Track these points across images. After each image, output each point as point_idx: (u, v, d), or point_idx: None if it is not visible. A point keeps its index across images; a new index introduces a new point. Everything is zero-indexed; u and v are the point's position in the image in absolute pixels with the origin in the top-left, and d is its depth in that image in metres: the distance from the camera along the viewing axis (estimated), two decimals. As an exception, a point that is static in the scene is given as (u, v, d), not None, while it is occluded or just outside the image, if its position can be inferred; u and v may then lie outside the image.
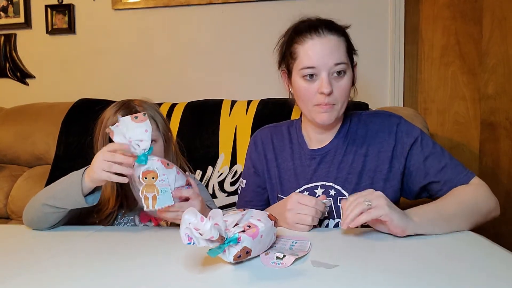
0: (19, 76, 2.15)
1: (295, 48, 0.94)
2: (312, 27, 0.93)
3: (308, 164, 1.01)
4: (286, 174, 1.04)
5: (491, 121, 1.87)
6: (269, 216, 0.71)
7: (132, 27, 2.04)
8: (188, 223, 0.59)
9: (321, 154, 1.01)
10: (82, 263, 0.69)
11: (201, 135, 1.58)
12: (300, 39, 0.93)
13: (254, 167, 1.10)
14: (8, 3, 2.11)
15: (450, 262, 0.64)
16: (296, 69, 0.94)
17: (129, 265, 0.67)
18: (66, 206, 0.87)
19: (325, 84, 0.90)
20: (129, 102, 1.05)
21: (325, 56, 0.90)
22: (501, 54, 1.83)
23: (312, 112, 0.95)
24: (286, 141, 1.07)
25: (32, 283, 0.60)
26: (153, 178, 0.81)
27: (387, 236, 0.78)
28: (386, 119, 1.00)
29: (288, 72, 1.00)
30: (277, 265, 0.64)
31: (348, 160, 0.98)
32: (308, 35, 0.92)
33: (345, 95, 0.94)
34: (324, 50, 0.90)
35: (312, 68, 0.91)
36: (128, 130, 0.80)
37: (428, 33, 1.89)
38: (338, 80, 0.92)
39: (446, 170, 0.91)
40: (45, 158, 1.73)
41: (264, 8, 1.93)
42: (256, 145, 1.10)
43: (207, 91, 1.91)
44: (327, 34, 0.91)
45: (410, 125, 0.99)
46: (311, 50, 0.91)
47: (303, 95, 0.95)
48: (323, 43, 0.91)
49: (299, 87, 0.95)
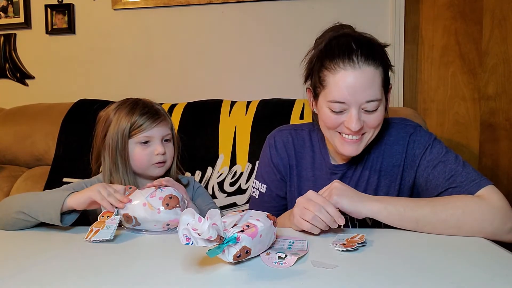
0: (19, 76, 2.15)
1: (325, 75, 0.84)
2: (346, 53, 0.81)
3: (329, 178, 0.96)
4: (305, 185, 0.98)
5: (491, 121, 1.86)
6: (268, 216, 0.71)
7: (132, 27, 2.04)
8: (186, 223, 0.59)
9: (342, 170, 0.96)
10: (81, 263, 0.69)
11: (200, 135, 1.58)
12: (331, 67, 0.83)
13: (278, 171, 1.01)
14: (8, 3, 2.11)
15: (452, 264, 0.64)
16: (324, 98, 0.86)
17: (128, 266, 0.67)
18: (39, 218, 0.84)
19: (354, 121, 0.82)
20: (141, 101, 1.03)
21: (357, 92, 0.81)
22: (501, 54, 1.83)
23: (336, 140, 0.89)
24: (308, 148, 1.00)
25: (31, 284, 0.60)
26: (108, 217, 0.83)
27: (388, 236, 0.78)
28: (401, 130, 0.94)
29: (314, 94, 0.91)
30: (280, 265, 0.64)
31: (365, 176, 0.95)
32: (340, 63, 0.81)
33: (376, 125, 0.87)
34: (357, 84, 0.80)
35: (341, 103, 0.83)
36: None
37: (428, 33, 1.89)
38: (369, 114, 0.84)
39: (455, 178, 0.83)
40: (44, 158, 1.73)
41: (264, 8, 1.93)
42: (277, 148, 1.01)
43: (207, 91, 1.91)
44: (362, 64, 0.80)
45: (424, 133, 0.92)
46: (342, 82, 0.81)
47: (327, 124, 0.87)
48: (356, 76, 0.80)
49: (325, 116, 0.87)
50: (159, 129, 1.00)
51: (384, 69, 0.85)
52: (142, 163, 0.99)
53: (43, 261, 0.69)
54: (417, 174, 0.90)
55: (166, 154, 1.00)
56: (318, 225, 0.77)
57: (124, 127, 0.98)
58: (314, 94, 0.92)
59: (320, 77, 0.86)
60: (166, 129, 1.02)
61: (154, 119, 0.99)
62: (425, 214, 0.77)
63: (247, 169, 1.52)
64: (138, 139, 0.98)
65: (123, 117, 0.99)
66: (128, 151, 0.99)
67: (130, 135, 0.98)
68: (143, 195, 0.85)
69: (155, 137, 0.99)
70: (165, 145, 1.01)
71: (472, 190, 0.80)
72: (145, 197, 0.84)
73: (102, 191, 0.83)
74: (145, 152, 0.99)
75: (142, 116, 0.98)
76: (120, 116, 0.99)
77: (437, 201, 0.81)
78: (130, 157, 0.99)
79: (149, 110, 1.00)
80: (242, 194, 1.50)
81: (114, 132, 0.98)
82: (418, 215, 0.78)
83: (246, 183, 1.50)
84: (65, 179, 1.61)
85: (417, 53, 1.90)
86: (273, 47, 1.93)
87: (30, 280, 0.61)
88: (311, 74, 0.91)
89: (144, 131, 0.98)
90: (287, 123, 1.54)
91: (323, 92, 0.86)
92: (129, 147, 0.99)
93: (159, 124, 1.00)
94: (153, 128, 0.98)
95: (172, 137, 1.05)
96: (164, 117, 1.02)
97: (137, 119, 0.98)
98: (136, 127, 0.98)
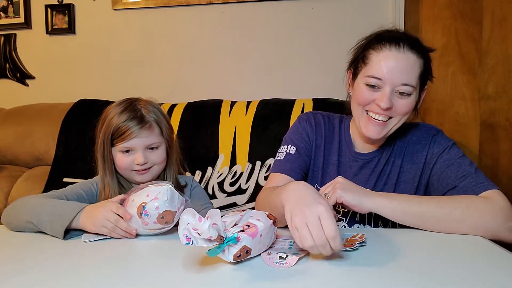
0: (19, 76, 2.15)
1: (370, 54, 0.90)
2: (394, 39, 0.88)
3: (350, 165, 1.00)
4: (330, 169, 1.01)
5: (491, 121, 1.86)
6: (268, 215, 0.71)
7: (132, 27, 2.04)
8: (186, 223, 0.59)
9: (364, 159, 0.99)
10: (81, 263, 0.69)
11: (200, 135, 1.58)
12: (378, 46, 0.89)
13: (309, 142, 1.03)
14: (8, 3, 2.11)
15: (453, 264, 0.64)
16: (363, 74, 0.91)
17: (128, 266, 0.67)
18: (46, 231, 0.85)
19: (385, 99, 0.86)
20: (135, 104, 1.01)
21: (396, 73, 0.85)
22: (501, 54, 1.83)
23: (362, 120, 0.93)
24: (336, 134, 1.04)
25: (31, 284, 0.60)
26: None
27: (388, 236, 0.78)
28: (425, 131, 0.97)
29: (354, 74, 0.96)
30: (281, 265, 0.64)
31: (387, 170, 0.97)
32: (387, 44, 0.87)
33: (404, 113, 0.90)
34: (397, 65, 0.86)
35: (378, 80, 0.87)
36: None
37: (428, 33, 1.89)
38: (401, 97, 0.88)
39: (465, 178, 0.86)
40: (44, 158, 1.73)
41: (264, 8, 1.93)
42: (311, 124, 1.04)
43: (207, 92, 1.92)
44: (407, 50, 0.86)
45: (445, 137, 0.96)
46: (384, 61, 0.86)
47: (359, 99, 0.91)
48: (398, 58, 0.86)
49: (359, 91, 0.91)
50: (141, 139, 0.97)
51: (425, 64, 0.89)
52: (124, 169, 1.00)
53: (43, 261, 0.69)
54: (432, 172, 0.93)
55: (147, 163, 0.99)
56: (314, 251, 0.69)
57: (108, 134, 0.97)
58: (353, 74, 0.96)
59: (364, 56, 0.92)
60: (151, 137, 0.98)
61: (138, 127, 0.96)
62: (429, 207, 0.79)
63: (247, 169, 1.52)
64: (119, 148, 0.98)
65: (111, 121, 0.98)
66: (113, 157, 1.00)
67: (113, 143, 0.98)
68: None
69: (137, 147, 0.97)
70: (150, 152, 0.99)
71: (478, 191, 0.83)
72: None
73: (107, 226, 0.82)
74: (127, 159, 0.98)
75: (127, 122, 0.96)
76: (110, 118, 0.98)
77: (441, 197, 0.84)
78: (114, 161, 1.00)
79: (135, 116, 0.97)
80: (242, 194, 1.50)
81: (101, 137, 0.99)
82: (422, 210, 0.79)
83: (246, 183, 1.50)
84: (65, 179, 1.61)
85: (417, 53, 1.89)
86: (273, 47, 1.93)
87: (30, 280, 0.61)
88: (357, 57, 0.96)
89: (125, 141, 0.96)
90: (287, 123, 1.54)
91: (364, 69, 0.91)
92: (113, 153, 0.99)
93: (142, 133, 0.97)
94: (133, 139, 0.96)
95: (163, 143, 1.02)
96: (150, 124, 0.98)
97: (121, 125, 0.96)
98: (118, 135, 0.96)
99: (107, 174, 1.00)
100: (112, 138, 0.97)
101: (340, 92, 1.75)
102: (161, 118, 1.03)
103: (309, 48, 1.89)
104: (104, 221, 0.82)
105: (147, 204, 0.80)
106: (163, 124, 1.03)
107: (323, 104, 1.60)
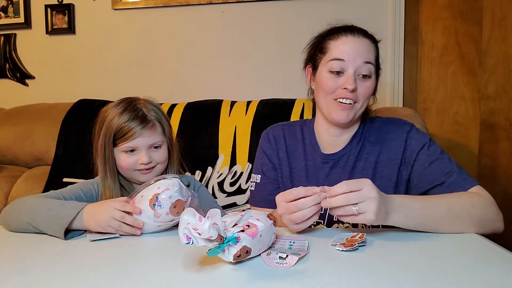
0: (19, 76, 2.15)
1: (327, 43, 0.96)
2: (348, 28, 0.96)
3: (321, 167, 1.01)
4: (298, 175, 1.03)
5: (491, 121, 1.86)
6: (268, 215, 0.71)
7: (132, 27, 2.04)
8: (186, 223, 0.59)
9: (334, 159, 1.00)
10: (81, 263, 0.69)
11: (200, 135, 1.58)
12: (334, 36, 0.96)
13: (272, 162, 1.07)
14: (8, 3, 2.11)
15: (452, 264, 0.64)
16: (324, 62, 0.96)
17: (128, 265, 0.67)
18: (46, 232, 0.85)
19: (350, 81, 0.91)
20: (134, 103, 1.01)
21: (356, 53, 0.92)
22: (501, 54, 1.83)
23: (331, 107, 0.96)
24: (299, 141, 1.06)
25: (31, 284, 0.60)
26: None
27: (388, 236, 0.78)
28: (399, 128, 0.99)
29: (314, 68, 1.01)
30: (281, 265, 0.64)
31: (359, 167, 0.98)
32: (343, 32, 0.95)
33: (367, 96, 0.95)
34: (357, 47, 0.92)
35: (341, 61, 0.92)
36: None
37: (428, 34, 1.89)
38: (363, 80, 0.93)
39: (451, 174, 0.90)
40: (44, 158, 1.73)
41: (264, 8, 1.93)
42: (270, 141, 1.09)
43: (206, 91, 1.91)
44: (361, 36, 0.94)
45: (421, 132, 0.99)
46: (343, 44, 0.93)
47: (325, 87, 0.95)
48: (356, 41, 0.93)
49: (323, 80, 0.95)
50: (144, 138, 0.97)
51: (376, 50, 0.97)
52: (127, 170, 0.99)
53: (43, 261, 0.69)
54: (413, 169, 0.95)
55: (151, 162, 0.99)
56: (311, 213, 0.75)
57: (110, 135, 0.97)
58: (313, 67, 1.01)
59: (322, 47, 0.98)
60: (154, 137, 0.99)
61: (141, 126, 0.96)
62: (442, 214, 0.79)
63: (247, 169, 1.52)
64: (122, 148, 0.97)
65: (111, 122, 0.97)
66: (115, 158, 0.99)
67: (116, 143, 0.97)
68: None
69: (140, 147, 0.97)
70: (153, 151, 0.99)
71: (466, 187, 0.87)
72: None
73: (113, 225, 0.82)
74: (130, 159, 0.98)
75: (129, 122, 0.96)
76: (110, 119, 0.98)
77: (446, 198, 0.84)
78: (116, 162, 0.99)
79: (136, 116, 0.97)
80: (242, 194, 1.50)
81: (101, 139, 0.98)
82: (436, 216, 0.79)
83: (246, 183, 1.50)
84: (65, 179, 1.61)
85: (417, 53, 1.90)
86: (273, 47, 1.93)
87: (30, 280, 0.61)
88: (313, 52, 1.01)
89: (128, 141, 0.96)
90: (287, 123, 1.54)
91: (324, 58, 0.96)
92: (115, 153, 0.99)
93: (145, 132, 0.97)
94: (136, 139, 0.96)
95: (165, 141, 1.02)
96: (153, 123, 0.98)
97: (123, 125, 0.96)
98: (120, 135, 0.96)
99: (108, 175, 1.00)
100: (115, 139, 0.97)
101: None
102: (161, 117, 1.03)
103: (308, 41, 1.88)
104: (109, 220, 0.82)
105: (159, 194, 0.82)
106: (164, 123, 1.03)
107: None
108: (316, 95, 1.01)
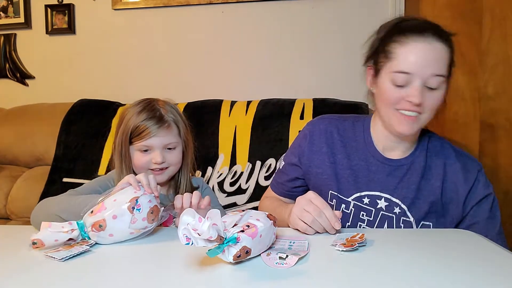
0: (19, 76, 2.15)
1: (393, 48, 0.84)
2: (417, 29, 0.83)
3: (374, 170, 0.94)
4: (345, 173, 0.96)
5: (491, 121, 1.86)
6: (268, 216, 0.71)
7: (132, 27, 2.04)
8: (186, 223, 0.59)
9: (393, 165, 0.94)
10: (81, 263, 0.69)
11: (200, 135, 1.58)
12: (402, 39, 0.83)
13: (299, 157, 1.02)
14: (8, 3, 2.11)
15: (447, 260, 0.64)
16: (388, 71, 0.85)
17: (128, 266, 0.67)
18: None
19: (416, 94, 0.81)
20: (153, 104, 1.02)
21: (425, 64, 0.81)
22: (501, 54, 1.83)
23: (392, 118, 0.88)
24: (350, 137, 0.99)
25: (32, 283, 0.60)
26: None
27: (388, 236, 0.78)
28: (469, 163, 0.93)
29: (375, 71, 0.90)
30: (281, 266, 0.64)
31: (422, 186, 0.92)
32: (411, 36, 0.82)
33: (434, 108, 0.86)
34: (425, 56, 0.81)
35: (407, 74, 0.82)
36: None
37: (428, 33, 1.89)
38: (431, 91, 0.83)
39: (500, 237, 0.90)
40: (44, 158, 1.73)
41: (264, 8, 1.93)
42: (311, 135, 1.01)
43: (206, 91, 1.91)
44: (433, 40, 0.81)
45: (485, 177, 0.94)
46: (411, 53, 0.81)
47: (386, 99, 0.87)
48: (426, 49, 0.81)
49: (385, 91, 0.86)
50: (159, 138, 0.98)
51: (451, 52, 0.85)
52: (141, 168, 1.00)
53: (43, 262, 0.69)
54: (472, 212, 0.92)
55: (165, 162, 0.99)
56: (315, 228, 0.79)
57: (127, 133, 0.98)
58: (375, 70, 0.90)
59: (386, 50, 0.86)
60: (169, 137, 0.99)
61: (157, 126, 0.97)
62: None
63: (247, 169, 1.52)
64: (137, 147, 0.98)
65: (129, 120, 0.99)
66: (131, 156, 1.00)
67: (131, 141, 0.99)
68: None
69: (155, 146, 0.98)
70: (167, 152, 1.00)
71: None
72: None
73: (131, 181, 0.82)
74: (145, 158, 0.99)
75: (146, 122, 0.97)
76: (128, 118, 1.00)
77: None
78: (132, 160, 1.00)
79: (153, 116, 0.98)
80: (242, 194, 1.50)
81: (119, 136, 1.00)
82: None
83: (246, 183, 1.50)
84: (65, 179, 1.61)
85: (417, 53, 1.89)
86: (273, 47, 1.93)
87: (31, 280, 0.61)
88: (376, 51, 0.90)
89: (143, 140, 0.97)
90: (287, 123, 1.54)
91: (388, 64, 0.85)
92: (131, 152, 1.00)
93: (161, 132, 0.98)
94: (151, 138, 0.97)
95: (180, 143, 1.03)
96: (169, 124, 0.99)
97: (140, 124, 0.97)
98: (136, 134, 0.97)
99: (124, 172, 1.01)
100: (131, 137, 0.98)
101: (340, 92, 1.76)
102: (179, 118, 1.04)
103: (309, 48, 1.89)
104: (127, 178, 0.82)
105: (139, 198, 0.78)
106: (181, 125, 1.04)
107: (323, 104, 1.60)
108: (376, 100, 0.92)
